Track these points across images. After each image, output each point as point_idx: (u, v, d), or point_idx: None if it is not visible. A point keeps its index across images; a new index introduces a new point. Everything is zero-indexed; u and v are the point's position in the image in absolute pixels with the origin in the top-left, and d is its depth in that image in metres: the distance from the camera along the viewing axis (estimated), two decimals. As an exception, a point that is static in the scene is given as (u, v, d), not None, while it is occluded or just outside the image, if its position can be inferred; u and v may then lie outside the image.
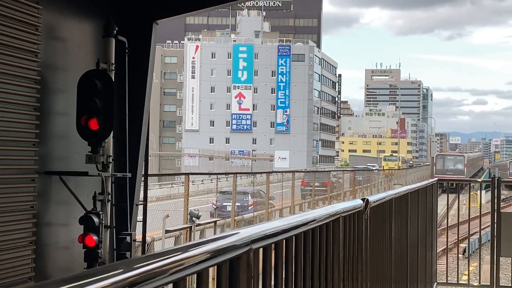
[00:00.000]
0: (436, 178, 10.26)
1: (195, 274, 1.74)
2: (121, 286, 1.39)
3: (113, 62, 8.30)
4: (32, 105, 7.53)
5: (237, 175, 27.65)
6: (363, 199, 4.10)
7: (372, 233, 4.37)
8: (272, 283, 2.44)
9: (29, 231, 7.56)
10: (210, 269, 1.84)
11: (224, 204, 26.59)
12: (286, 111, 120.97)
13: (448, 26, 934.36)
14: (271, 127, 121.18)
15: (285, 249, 2.61)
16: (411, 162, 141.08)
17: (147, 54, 9.04)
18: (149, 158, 9.64)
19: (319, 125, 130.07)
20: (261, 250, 2.25)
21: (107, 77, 8.00)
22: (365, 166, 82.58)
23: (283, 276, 2.57)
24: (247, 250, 2.05)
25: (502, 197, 10.27)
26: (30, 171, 7.57)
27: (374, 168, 75.39)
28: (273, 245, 2.41)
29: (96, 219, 7.85)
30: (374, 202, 4.34)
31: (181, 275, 1.57)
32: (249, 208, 28.62)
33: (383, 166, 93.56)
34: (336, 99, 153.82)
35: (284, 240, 2.57)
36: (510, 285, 10.57)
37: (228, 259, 1.95)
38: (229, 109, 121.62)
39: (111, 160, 8.17)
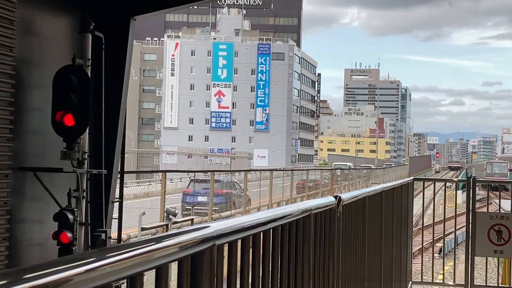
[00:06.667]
0: (412, 177, 10.38)
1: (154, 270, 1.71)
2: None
3: (90, 57, 8.24)
4: (6, 100, 7.45)
5: (215, 173, 27.62)
6: (335, 197, 4.08)
7: (344, 231, 4.36)
8: (238, 281, 2.40)
9: (2, 227, 7.48)
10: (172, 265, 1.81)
11: (198, 199, 25.08)
12: (265, 110, 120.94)
13: (426, 27, 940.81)
14: (250, 125, 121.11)
15: (252, 246, 2.56)
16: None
17: (124, 50, 8.97)
18: (127, 155, 9.59)
19: (298, 124, 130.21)
20: (226, 246, 2.20)
21: (83, 73, 7.94)
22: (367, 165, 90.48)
23: (249, 274, 2.53)
24: (211, 246, 2.01)
25: (478, 197, 10.34)
26: (4, 167, 7.49)
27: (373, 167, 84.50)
28: (239, 242, 2.36)
29: (70, 216, 7.79)
30: (347, 199, 4.32)
31: (136, 270, 1.54)
32: (220, 196, 25.82)
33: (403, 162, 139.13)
34: (316, 98, 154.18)
35: (251, 237, 2.51)
36: (484, 284, 10.62)
37: (189, 255, 1.90)
38: (209, 107, 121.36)
39: (86, 157, 8.10)
